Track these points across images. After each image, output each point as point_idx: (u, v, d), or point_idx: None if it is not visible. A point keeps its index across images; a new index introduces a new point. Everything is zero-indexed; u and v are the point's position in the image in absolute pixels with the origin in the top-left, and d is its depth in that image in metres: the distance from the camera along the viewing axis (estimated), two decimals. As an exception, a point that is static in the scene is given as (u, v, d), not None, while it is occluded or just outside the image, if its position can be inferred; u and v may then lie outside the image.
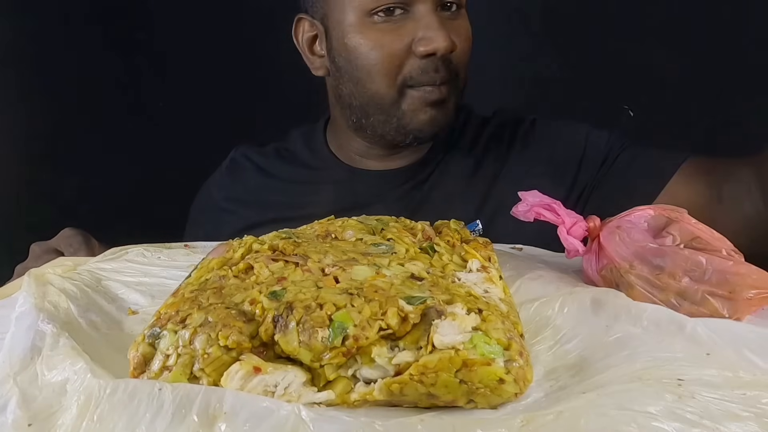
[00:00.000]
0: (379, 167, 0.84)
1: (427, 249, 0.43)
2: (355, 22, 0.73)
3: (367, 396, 0.32)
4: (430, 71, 0.72)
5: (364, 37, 0.73)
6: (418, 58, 0.72)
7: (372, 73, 0.74)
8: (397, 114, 0.75)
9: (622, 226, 0.47)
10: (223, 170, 0.93)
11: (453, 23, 0.74)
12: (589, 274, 0.48)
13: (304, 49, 0.81)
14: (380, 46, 0.72)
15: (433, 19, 0.71)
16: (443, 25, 0.72)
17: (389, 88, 0.74)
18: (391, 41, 0.72)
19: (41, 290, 0.43)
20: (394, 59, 0.73)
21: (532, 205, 0.48)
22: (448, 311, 0.33)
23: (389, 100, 0.75)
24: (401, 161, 0.84)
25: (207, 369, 0.32)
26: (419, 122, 0.75)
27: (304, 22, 0.80)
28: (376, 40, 0.72)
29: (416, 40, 0.71)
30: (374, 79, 0.74)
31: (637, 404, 0.30)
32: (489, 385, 0.32)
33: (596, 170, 0.80)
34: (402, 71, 0.73)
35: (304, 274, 0.38)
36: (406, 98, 0.74)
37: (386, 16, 0.72)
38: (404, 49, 0.72)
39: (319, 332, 0.32)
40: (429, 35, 0.71)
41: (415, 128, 0.76)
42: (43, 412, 0.32)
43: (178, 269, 0.51)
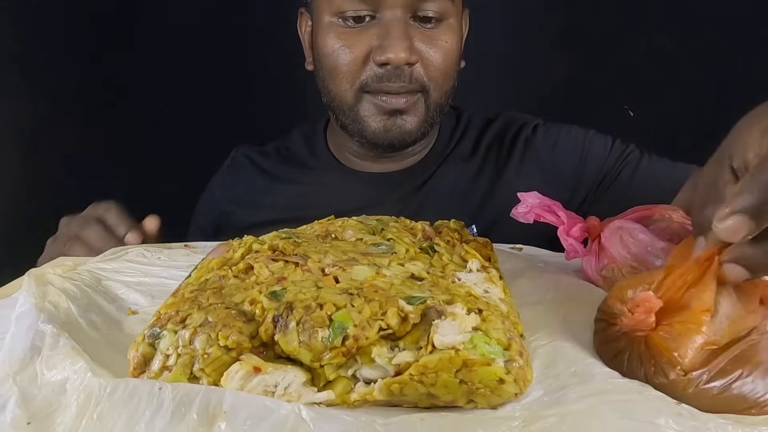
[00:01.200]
0: (377, 169, 0.84)
1: (427, 249, 0.43)
2: (328, 23, 0.74)
3: (367, 396, 0.32)
4: (385, 80, 0.72)
5: (331, 39, 0.74)
6: (376, 66, 0.72)
7: (333, 74, 0.75)
8: (357, 119, 0.76)
9: (624, 227, 0.46)
10: (225, 171, 0.93)
11: (425, 34, 0.73)
12: (589, 274, 0.48)
13: (304, 42, 0.83)
14: (343, 49, 0.73)
15: (395, 28, 0.70)
16: (405, 36, 0.71)
17: (347, 92, 0.75)
18: (352, 45, 0.72)
19: (41, 290, 0.43)
20: (353, 64, 0.73)
21: (531, 206, 0.48)
22: (448, 311, 0.33)
23: (348, 104, 0.75)
24: (398, 164, 0.84)
25: (207, 369, 0.32)
26: (374, 130, 0.75)
27: (304, 15, 0.81)
28: (341, 43, 0.73)
29: (375, 47, 0.72)
30: (336, 81, 0.75)
31: (639, 415, 0.30)
32: (489, 385, 0.32)
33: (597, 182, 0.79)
34: (360, 76, 0.73)
35: (304, 274, 0.38)
36: (363, 103, 0.75)
37: (355, 22, 0.72)
38: (364, 54, 0.72)
39: (319, 332, 0.32)
40: (386, 44, 0.70)
41: (371, 136, 0.76)
42: (42, 410, 0.32)
43: (178, 269, 0.51)
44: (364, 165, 0.85)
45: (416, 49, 0.72)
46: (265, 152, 0.92)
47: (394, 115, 0.74)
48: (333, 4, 0.72)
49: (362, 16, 0.72)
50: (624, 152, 0.80)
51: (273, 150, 0.92)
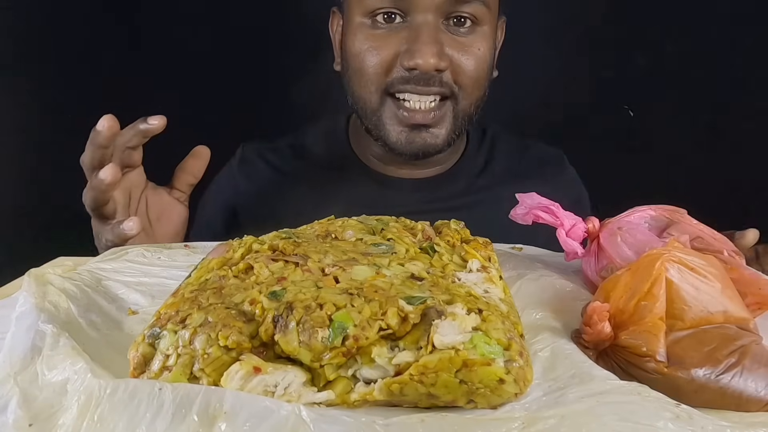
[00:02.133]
0: (402, 175, 0.81)
1: (427, 249, 0.43)
2: (358, 23, 0.72)
3: (367, 396, 0.32)
4: (412, 82, 0.70)
5: (360, 40, 0.72)
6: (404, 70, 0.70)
7: (359, 77, 0.73)
8: (378, 123, 0.74)
9: (623, 227, 0.46)
10: (234, 169, 0.88)
11: (458, 39, 0.71)
12: (589, 275, 0.48)
13: (335, 42, 0.80)
14: (371, 50, 0.71)
15: (425, 32, 0.68)
16: (435, 40, 0.69)
17: (372, 95, 0.73)
18: (380, 47, 0.71)
19: (41, 290, 0.43)
20: (379, 66, 0.71)
21: (530, 207, 0.47)
22: (448, 311, 0.33)
23: (372, 107, 0.74)
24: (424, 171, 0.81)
25: (207, 369, 0.32)
26: (394, 140, 0.74)
27: (336, 15, 0.79)
28: (370, 44, 0.71)
29: (403, 50, 0.69)
30: (360, 83, 0.73)
31: (638, 417, 0.30)
32: (489, 385, 0.32)
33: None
34: (386, 79, 0.71)
35: (304, 274, 0.38)
36: (387, 108, 0.73)
37: (386, 22, 0.70)
38: (392, 57, 0.70)
39: (319, 332, 0.32)
40: (414, 48, 0.68)
41: (392, 145, 0.74)
42: (43, 412, 0.32)
43: (178, 269, 0.51)
44: (388, 169, 0.82)
45: (446, 55, 0.70)
46: (278, 149, 0.87)
47: (418, 129, 0.73)
48: (364, 3, 0.70)
49: (392, 15, 0.70)
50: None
51: (286, 147, 0.87)
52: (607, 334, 0.37)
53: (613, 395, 0.32)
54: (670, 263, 0.37)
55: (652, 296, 0.36)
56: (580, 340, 0.38)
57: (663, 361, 0.35)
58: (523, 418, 0.30)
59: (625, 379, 0.34)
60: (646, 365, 0.35)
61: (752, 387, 0.33)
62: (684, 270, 0.37)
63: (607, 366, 0.36)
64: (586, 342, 0.38)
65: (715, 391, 0.34)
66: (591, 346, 0.38)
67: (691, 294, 0.37)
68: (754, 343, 0.36)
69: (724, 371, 0.34)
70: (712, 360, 0.34)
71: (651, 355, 0.35)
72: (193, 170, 0.66)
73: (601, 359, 0.37)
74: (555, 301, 0.45)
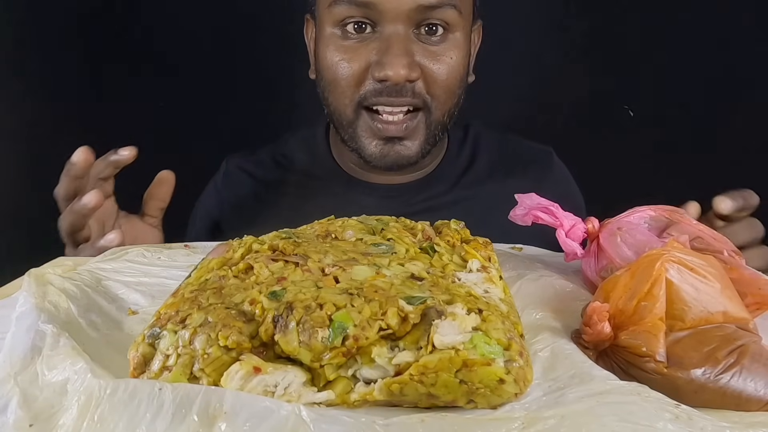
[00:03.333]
0: (384, 180, 0.81)
1: (427, 249, 0.43)
2: (329, 33, 0.71)
3: (367, 396, 0.32)
4: (384, 94, 0.69)
5: (332, 50, 0.71)
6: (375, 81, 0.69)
7: (332, 88, 0.72)
8: (354, 135, 0.74)
9: (622, 227, 0.46)
10: (218, 183, 0.89)
11: (430, 48, 0.70)
12: (588, 275, 0.48)
13: (310, 49, 0.80)
14: (343, 61, 0.70)
15: (395, 42, 0.67)
16: (406, 51, 0.68)
17: (346, 107, 0.72)
18: (351, 58, 0.70)
19: (41, 290, 0.43)
20: (351, 78, 0.70)
21: (529, 208, 0.47)
22: (448, 311, 0.33)
23: (347, 119, 0.73)
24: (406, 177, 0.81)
25: (207, 369, 0.32)
26: (370, 153, 0.73)
27: (309, 22, 0.79)
28: (341, 55, 0.70)
29: (374, 62, 0.69)
30: (334, 95, 0.73)
31: (638, 418, 0.30)
32: (489, 385, 0.32)
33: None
34: (359, 91, 0.71)
35: (304, 274, 0.38)
36: (360, 121, 0.72)
37: (357, 32, 0.70)
38: (363, 68, 0.70)
39: (319, 332, 0.32)
40: (385, 60, 0.67)
41: (367, 157, 0.74)
42: (44, 412, 0.32)
43: (178, 269, 0.51)
44: (369, 176, 0.82)
45: (417, 65, 0.69)
46: (260, 161, 0.88)
47: (392, 141, 0.72)
48: (333, 12, 0.69)
49: (363, 25, 0.69)
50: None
51: (268, 158, 0.88)
52: (606, 335, 0.37)
53: (613, 395, 0.32)
54: (670, 263, 0.37)
55: (651, 296, 0.36)
56: (580, 341, 0.38)
57: (662, 362, 0.35)
58: (523, 418, 0.30)
59: (624, 380, 0.34)
60: (645, 365, 0.35)
61: (752, 386, 0.34)
62: (684, 270, 0.37)
63: (607, 366, 0.37)
64: (586, 342, 0.38)
65: (715, 391, 0.34)
66: (591, 347, 0.38)
67: (690, 294, 0.37)
68: (753, 342, 0.36)
69: (724, 371, 0.34)
70: (711, 360, 0.34)
71: (650, 356, 0.35)
72: (160, 195, 0.66)
73: (601, 359, 0.37)
74: (555, 301, 0.45)
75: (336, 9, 0.69)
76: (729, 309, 0.37)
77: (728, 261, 0.43)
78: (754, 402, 0.34)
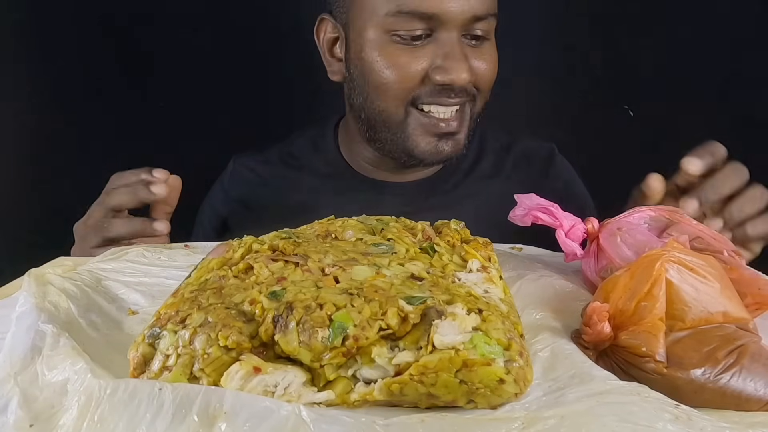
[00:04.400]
0: (393, 179, 0.82)
1: (427, 249, 0.43)
2: (375, 38, 0.71)
3: (367, 396, 0.32)
4: (443, 95, 0.71)
5: (381, 55, 0.71)
6: (431, 84, 0.71)
7: (382, 90, 0.72)
8: (403, 135, 0.74)
9: (622, 227, 0.46)
10: (225, 182, 0.89)
11: (477, 51, 0.73)
12: (588, 275, 0.48)
13: (324, 50, 0.79)
14: (396, 66, 0.71)
15: (455, 49, 0.70)
16: (465, 56, 0.70)
17: (397, 108, 0.73)
18: (408, 63, 0.70)
19: (41, 290, 0.43)
20: (407, 81, 0.71)
21: (529, 208, 0.47)
22: (448, 311, 0.33)
23: (396, 120, 0.74)
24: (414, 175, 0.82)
25: (207, 369, 0.32)
26: (422, 150, 0.74)
27: (327, 22, 0.78)
28: (393, 60, 0.71)
29: (434, 66, 0.70)
30: (383, 97, 0.73)
31: (638, 418, 0.30)
32: (489, 385, 0.32)
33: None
34: (413, 92, 0.72)
35: (304, 274, 0.38)
36: (412, 119, 0.73)
37: (413, 40, 0.70)
38: (421, 72, 0.71)
39: (319, 332, 0.33)
40: (448, 65, 0.69)
41: (419, 154, 0.75)
42: (44, 412, 0.32)
43: (178, 269, 0.51)
44: (379, 174, 0.83)
45: (472, 68, 0.72)
46: (268, 160, 0.88)
47: (445, 137, 0.74)
48: (385, 21, 0.70)
49: (420, 35, 0.70)
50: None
51: (276, 157, 0.88)
52: (606, 335, 0.37)
53: (613, 395, 0.32)
54: (670, 264, 0.37)
55: (651, 297, 0.36)
56: (580, 341, 0.38)
57: (662, 362, 0.35)
58: (523, 418, 0.30)
59: (624, 380, 0.34)
60: (645, 366, 0.35)
61: (751, 386, 0.34)
62: (683, 270, 0.37)
63: (607, 366, 0.37)
64: (586, 342, 0.38)
65: (715, 391, 0.34)
66: (591, 347, 0.38)
67: (690, 294, 0.37)
68: (753, 342, 0.36)
69: (723, 371, 0.34)
70: (711, 360, 0.34)
71: (650, 356, 0.35)
72: (167, 200, 0.68)
73: (600, 359, 0.37)
74: (555, 301, 0.45)
75: (399, 20, 0.69)
76: (729, 309, 0.37)
77: (728, 261, 0.43)
78: (754, 402, 0.34)
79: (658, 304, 0.36)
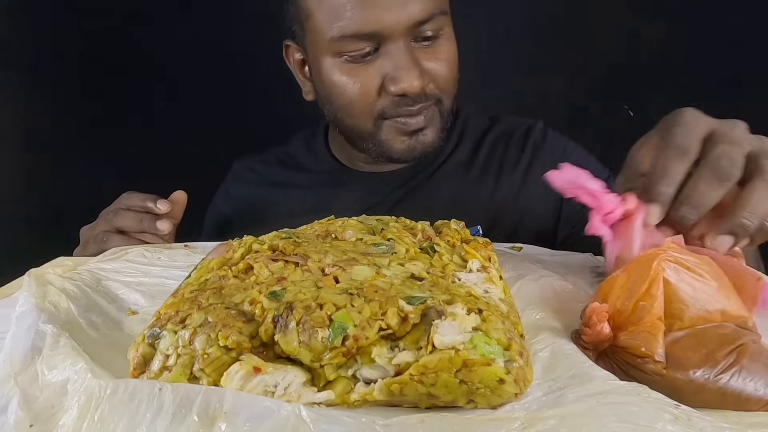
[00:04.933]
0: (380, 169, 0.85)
1: (427, 249, 0.43)
2: (329, 61, 0.73)
3: (367, 396, 0.32)
4: (403, 105, 0.72)
5: (337, 77, 0.73)
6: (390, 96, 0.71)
7: (347, 109, 0.74)
8: (377, 143, 0.76)
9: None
10: (228, 184, 0.94)
11: (429, 51, 0.72)
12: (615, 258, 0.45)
13: (296, 72, 0.82)
14: (353, 85, 0.72)
15: (403, 57, 0.70)
16: (415, 62, 0.70)
17: (365, 123, 0.75)
18: (363, 80, 0.72)
19: (41, 290, 0.43)
20: (367, 97, 0.72)
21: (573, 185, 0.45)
22: (448, 311, 0.33)
23: (367, 132, 0.75)
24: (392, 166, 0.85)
25: (207, 369, 0.32)
26: (398, 150, 0.76)
27: (291, 47, 0.81)
28: (348, 79, 0.72)
29: (387, 78, 0.71)
30: (350, 114, 0.75)
31: (637, 419, 0.30)
32: (489, 386, 0.32)
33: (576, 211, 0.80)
34: (376, 106, 0.73)
35: (304, 274, 0.38)
36: (383, 129, 0.75)
37: (362, 57, 0.71)
38: (377, 86, 0.72)
39: (319, 332, 0.33)
40: (398, 75, 0.70)
41: (395, 155, 0.77)
42: (44, 412, 0.32)
43: (178, 269, 0.52)
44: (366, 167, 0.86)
45: (426, 71, 0.72)
46: (267, 161, 0.93)
47: (416, 134, 0.75)
48: (332, 46, 0.71)
49: (369, 52, 0.71)
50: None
51: (274, 158, 0.93)
52: (606, 335, 0.37)
53: (613, 396, 0.32)
54: (666, 263, 0.37)
55: (650, 296, 0.36)
56: (579, 341, 0.38)
57: (662, 362, 0.35)
58: (523, 418, 0.30)
59: (624, 380, 0.34)
60: (645, 366, 0.35)
61: (751, 386, 0.33)
62: (680, 269, 0.37)
63: (607, 366, 0.36)
64: (585, 343, 0.38)
65: (714, 392, 0.34)
66: (591, 347, 0.38)
67: (688, 293, 0.37)
68: (752, 341, 0.36)
69: (723, 371, 0.34)
70: (710, 360, 0.34)
71: (650, 356, 0.35)
72: (173, 214, 0.69)
73: (600, 360, 0.37)
74: (555, 301, 0.45)
75: (344, 43, 0.70)
76: (727, 307, 0.37)
77: (723, 260, 0.43)
78: (754, 402, 0.33)
79: (656, 303, 0.36)
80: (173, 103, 1.22)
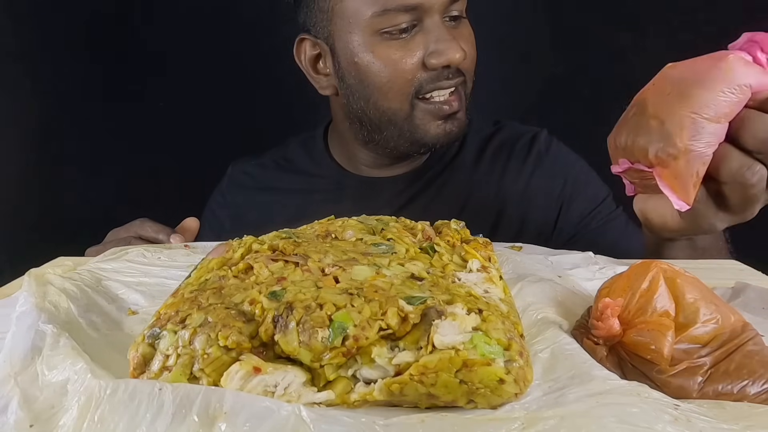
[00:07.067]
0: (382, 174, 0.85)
1: (427, 249, 0.43)
2: (364, 41, 0.73)
3: (367, 396, 0.32)
4: (442, 78, 0.73)
5: (374, 56, 0.73)
6: (429, 70, 0.73)
7: (384, 90, 0.74)
8: (410, 128, 0.76)
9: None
10: (224, 190, 0.93)
11: (459, 32, 0.75)
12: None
13: (308, 69, 0.82)
14: (392, 63, 0.73)
15: (443, 31, 0.72)
16: (454, 36, 0.73)
17: (402, 104, 0.75)
18: (403, 57, 0.72)
19: (41, 290, 0.43)
20: (406, 74, 0.73)
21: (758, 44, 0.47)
22: (448, 311, 0.33)
23: (402, 115, 0.76)
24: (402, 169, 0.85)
25: (207, 369, 0.32)
26: (432, 136, 0.77)
27: (306, 42, 0.80)
28: (387, 58, 0.73)
29: (428, 53, 0.72)
30: (387, 95, 0.75)
31: (637, 419, 0.30)
32: (489, 386, 0.32)
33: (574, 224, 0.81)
34: (414, 83, 0.74)
35: (304, 274, 0.38)
36: (417, 112, 0.75)
37: (402, 33, 0.72)
38: (417, 63, 0.73)
39: (319, 332, 0.32)
40: (441, 48, 0.72)
41: (429, 141, 0.77)
42: (44, 412, 0.32)
43: (178, 269, 0.52)
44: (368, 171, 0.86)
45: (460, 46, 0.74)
46: (263, 164, 0.92)
47: (449, 118, 0.76)
48: (371, 23, 0.72)
49: (407, 27, 0.72)
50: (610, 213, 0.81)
51: (271, 161, 0.92)
52: (617, 330, 0.37)
53: (613, 396, 0.32)
54: (662, 269, 0.38)
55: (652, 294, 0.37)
56: (589, 336, 0.38)
57: (669, 359, 0.35)
58: (523, 419, 0.30)
59: (632, 376, 0.35)
60: (653, 363, 0.35)
61: (751, 386, 0.34)
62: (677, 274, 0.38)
63: (615, 362, 0.37)
64: (595, 338, 0.38)
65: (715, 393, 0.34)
66: (601, 342, 0.38)
67: (686, 298, 0.37)
68: (752, 341, 0.36)
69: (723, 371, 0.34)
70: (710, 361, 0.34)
71: (659, 353, 0.35)
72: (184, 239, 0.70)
73: (610, 354, 0.38)
74: (555, 301, 0.45)
75: (385, 17, 0.71)
76: (722, 310, 0.37)
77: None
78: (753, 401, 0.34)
79: (661, 300, 0.36)
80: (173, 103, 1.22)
